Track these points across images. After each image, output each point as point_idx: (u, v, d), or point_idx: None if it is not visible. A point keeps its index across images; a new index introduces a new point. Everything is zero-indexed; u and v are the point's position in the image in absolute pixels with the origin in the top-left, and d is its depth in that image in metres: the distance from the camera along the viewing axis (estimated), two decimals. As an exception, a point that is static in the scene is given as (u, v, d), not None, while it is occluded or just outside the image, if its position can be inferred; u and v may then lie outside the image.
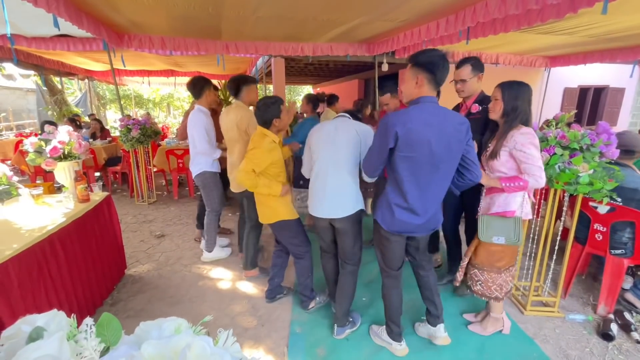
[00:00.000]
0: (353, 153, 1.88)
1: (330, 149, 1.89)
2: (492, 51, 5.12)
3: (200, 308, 2.33)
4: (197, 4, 2.76)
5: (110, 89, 14.25)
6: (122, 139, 4.36)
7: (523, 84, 1.82)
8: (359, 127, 1.91)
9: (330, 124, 1.97)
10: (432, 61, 1.49)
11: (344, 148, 1.88)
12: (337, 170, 1.88)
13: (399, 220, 1.63)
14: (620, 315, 2.13)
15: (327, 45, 4.47)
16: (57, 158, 2.21)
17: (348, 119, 1.99)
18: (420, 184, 1.56)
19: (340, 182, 1.88)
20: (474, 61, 2.16)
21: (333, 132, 1.91)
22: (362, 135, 1.88)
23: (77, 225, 2.07)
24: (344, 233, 1.95)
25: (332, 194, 1.88)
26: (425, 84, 1.52)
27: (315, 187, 1.97)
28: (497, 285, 1.95)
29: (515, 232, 1.81)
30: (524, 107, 1.78)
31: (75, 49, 4.05)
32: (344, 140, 1.88)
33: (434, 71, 1.49)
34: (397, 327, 1.89)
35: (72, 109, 8.00)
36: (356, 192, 1.93)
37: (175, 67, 6.98)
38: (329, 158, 1.90)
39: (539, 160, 1.73)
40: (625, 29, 3.50)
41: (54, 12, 2.35)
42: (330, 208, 1.90)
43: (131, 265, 2.91)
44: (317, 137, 1.98)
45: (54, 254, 1.83)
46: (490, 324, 2.06)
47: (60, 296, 1.85)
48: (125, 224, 3.88)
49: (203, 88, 2.78)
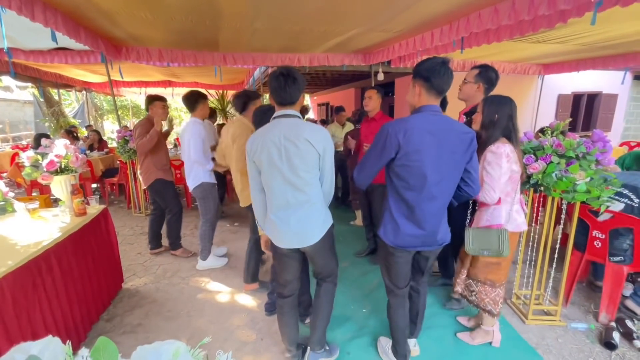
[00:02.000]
0: (312, 169, 1.55)
1: (283, 169, 1.52)
2: (486, 60, 5.19)
3: (199, 322, 2.30)
4: (194, 17, 2.79)
5: (107, 99, 14.26)
6: (119, 151, 4.35)
7: (504, 99, 1.81)
8: (311, 135, 1.49)
9: (274, 132, 1.51)
10: (428, 68, 1.47)
11: (300, 168, 1.51)
12: (295, 193, 1.56)
13: (404, 234, 1.56)
14: (622, 323, 2.12)
15: (323, 55, 4.51)
16: (54, 172, 2.19)
17: (297, 119, 1.56)
18: (424, 194, 1.50)
19: (305, 209, 1.58)
20: (483, 69, 2.14)
21: (282, 147, 1.50)
22: (320, 148, 1.52)
23: (73, 240, 2.04)
24: (316, 255, 1.70)
25: (298, 223, 1.58)
26: (424, 92, 1.50)
27: (274, 216, 1.62)
28: (491, 299, 1.94)
29: (499, 244, 1.78)
30: (503, 121, 1.77)
31: (73, 61, 4.07)
32: (297, 158, 1.49)
33: (431, 78, 1.46)
34: (402, 348, 1.82)
35: (69, 121, 7.99)
36: (324, 210, 1.65)
37: (173, 78, 7.02)
38: (281, 179, 1.54)
39: (497, 182, 1.74)
40: (615, 37, 3.56)
41: (52, 26, 2.37)
42: (298, 238, 1.62)
43: (128, 279, 2.87)
44: (258, 151, 1.54)
45: (50, 270, 1.80)
46: (480, 336, 2.06)
47: (56, 313, 1.81)
48: (122, 237, 3.84)
49: (197, 101, 2.87)
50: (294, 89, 1.53)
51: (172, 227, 3.28)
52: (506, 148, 1.74)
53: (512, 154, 1.76)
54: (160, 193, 3.17)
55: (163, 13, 2.68)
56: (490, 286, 1.93)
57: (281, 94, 1.53)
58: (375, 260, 3.18)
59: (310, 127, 1.54)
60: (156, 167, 3.10)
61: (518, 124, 1.82)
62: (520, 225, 1.87)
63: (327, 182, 1.64)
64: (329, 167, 1.60)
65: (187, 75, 6.52)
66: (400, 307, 1.77)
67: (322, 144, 1.53)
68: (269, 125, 1.58)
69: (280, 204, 1.59)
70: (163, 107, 3.07)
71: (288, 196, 1.57)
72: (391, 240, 1.61)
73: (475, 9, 2.54)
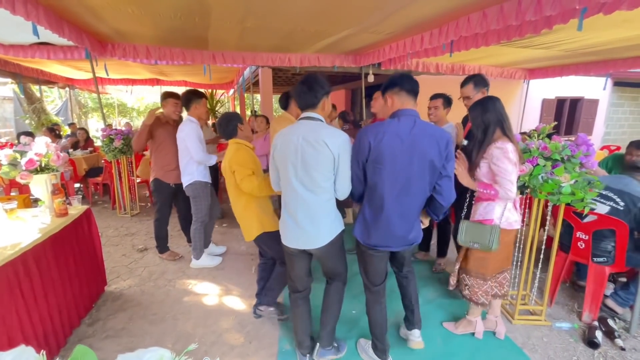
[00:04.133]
0: (328, 172, 1.57)
1: (297, 168, 1.57)
2: (474, 63, 5.28)
3: (185, 326, 2.24)
4: (183, 14, 2.74)
5: (92, 97, 13.92)
6: (104, 149, 4.23)
7: (485, 99, 1.88)
8: (329, 138, 1.53)
9: (296, 134, 1.57)
10: (391, 78, 1.57)
11: (313, 170, 1.55)
12: (310, 195, 1.59)
13: (375, 234, 1.62)
14: (605, 322, 2.17)
15: (314, 56, 4.50)
16: (34, 171, 2.11)
17: (318, 122, 1.60)
18: (394, 197, 1.54)
19: (314, 210, 1.61)
20: (476, 78, 2.22)
21: (299, 146, 1.55)
22: (336, 151, 1.53)
23: (54, 242, 1.97)
24: (324, 259, 1.75)
25: (307, 224, 1.62)
26: (395, 98, 1.57)
27: (285, 214, 1.69)
28: (483, 291, 2.00)
29: (490, 239, 1.84)
30: (493, 118, 1.83)
31: (56, 57, 3.93)
32: (313, 159, 1.53)
33: (397, 83, 1.56)
34: (381, 343, 1.83)
35: (52, 118, 7.76)
36: (334, 216, 1.67)
37: (161, 76, 6.88)
38: (296, 179, 1.59)
39: (511, 174, 1.78)
40: (597, 44, 3.68)
41: (33, 20, 2.28)
42: (307, 239, 1.65)
43: (112, 282, 2.78)
44: (279, 150, 1.63)
45: (28, 274, 1.73)
46: (462, 326, 2.14)
47: (34, 318, 1.74)
48: (106, 238, 3.74)
49: (190, 100, 2.83)
50: (314, 93, 1.60)
51: (155, 228, 3.18)
52: (509, 145, 1.79)
53: (514, 152, 1.80)
54: (155, 192, 3.13)
55: (151, 9, 2.61)
56: (482, 279, 1.99)
57: (304, 97, 1.62)
58: None
59: (330, 131, 1.57)
60: (156, 166, 3.06)
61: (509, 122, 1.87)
62: (512, 224, 1.91)
63: (342, 185, 1.63)
64: (344, 170, 1.60)
65: (176, 73, 6.40)
66: (377, 301, 1.81)
67: (339, 148, 1.55)
68: (294, 125, 1.64)
69: (293, 203, 1.64)
70: (175, 104, 3.03)
71: (299, 195, 1.60)
72: (364, 240, 1.66)
73: (465, 13, 2.57)
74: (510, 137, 1.83)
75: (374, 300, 1.81)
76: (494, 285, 2.01)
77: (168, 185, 3.05)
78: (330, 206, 1.65)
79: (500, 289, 2.03)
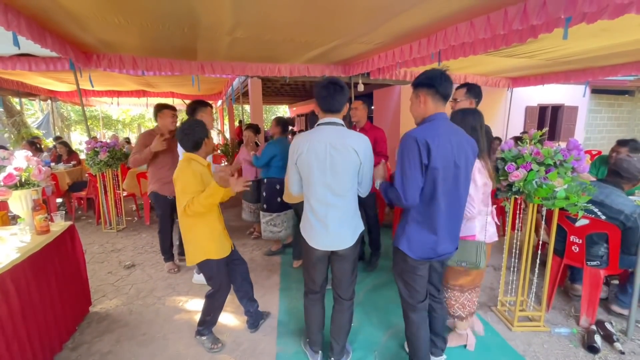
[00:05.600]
0: (354, 176, 1.62)
1: (325, 173, 1.59)
2: (460, 72, 5.40)
3: (176, 346, 2.13)
4: (171, 24, 2.70)
5: (75, 109, 13.61)
6: (89, 163, 4.10)
7: (467, 112, 1.85)
8: (356, 143, 1.57)
9: (321, 139, 1.58)
10: (430, 76, 1.49)
11: (342, 174, 1.58)
12: (337, 198, 1.62)
13: (431, 245, 1.53)
14: (602, 326, 2.17)
15: (303, 66, 4.52)
16: (13, 186, 2.00)
17: (341, 127, 1.63)
18: (447, 202, 1.49)
19: (343, 213, 1.65)
20: (472, 87, 2.23)
21: (326, 152, 1.56)
22: (362, 156, 1.58)
23: (34, 261, 1.85)
24: (345, 259, 1.74)
25: (335, 226, 1.65)
26: (430, 100, 1.51)
27: (314, 218, 1.68)
28: (460, 304, 1.98)
29: (477, 256, 1.80)
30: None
31: (38, 69, 3.81)
32: (340, 164, 1.56)
33: (434, 85, 1.48)
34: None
35: (32, 131, 7.51)
36: (358, 216, 1.74)
37: (147, 88, 6.78)
38: (324, 184, 1.60)
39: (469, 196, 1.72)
40: (577, 54, 3.82)
41: (14, 29, 2.20)
42: (335, 241, 1.68)
43: (97, 301, 2.64)
44: (306, 157, 1.60)
45: (5, 296, 1.61)
46: (454, 339, 2.09)
47: (11, 343, 1.61)
48: (91, 254, 3.57)
49: (196, 110, 2.76)
50: (340, 98, 1.61)
51: (159, 239, 3.18)
52: (476, 164, 1.72)
53: (483, 169, 1.78)
54: (155, 205, 3.08)
55: (138, 19, 2.56)
56: (459, 291, 1.97)
57: (330, 101, 1.61)
58: (366, 266, 3.18)
59: (355, 135, 1.61)
60: (153, 179, 3.01)
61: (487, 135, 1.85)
62: (492, 236, 1.92)
63: (365, 186, 1.69)
64: (367, 172, 1.65)
65: (163, 84, 6.31)
66: (424, 321, 1.71)
67: (365, 151, 1.59)
68: (313, 131, 1.64)
69: (322, 209, 1.65)
70: (173, 115, 2.99)
71: (328, 200, 1.62)
72: (416, 254, 1.57)
73: (453, 22, 2.63)
74: (479, 155, 1.74)
75: (421, 321, 1.69)
76: (474, 298, 1.98)
77: (165, 197, 3.01)
78: (356, 207, 1.71)
79: (476, 301, 2.01)
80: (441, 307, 1.85)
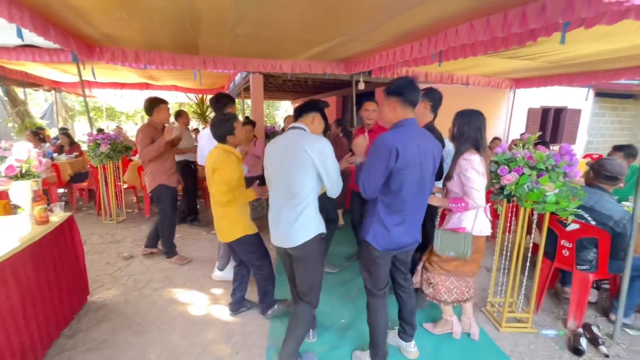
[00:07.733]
0: (307, 175, 1.65)
1: (281, 172, 1.70)
2: (463, 72, 5.39)
3: (170, 337, 2.18)
4: (173, 19, 2.72)
5: (79, 100, 13.64)
6: (90, 154, 4.14)
7: (474, 113, 1.98)
8: (309, 144, 1.63)
9: (280, 141, 1.74)
10: (398, 85, 1.65)
11: (294, 173, 1.65)
12: (290, 196, 1.68)
13: (395, 238, 1.68)
14: (589, 329, 2.20)
15: (305, 63, 4.52)
16: (14, 177, 2.04)
17: (303, 131, 1.74)
18: (413, 199, 1.65)
19: (293, 210, 1.69)
20: (427, 90, 2.30)
21: (282, 152, 1.69)
22: (315, 155, 1.62)
23: (33, 251, 1.90)
24: (299, 261, 1.77)
25: (286, 222, 1.71)
26: (399, 107, 1.66)
27: (271, 213, 1.82)
28: (446, 287, 2.08)
29: (464, 246, 1.92)
30: (472, 133, 1.94)
31: (42, 60, 3.85)
32: (293, 163, 1.65)
33: (403, 93, 1.64)
34: (383, 349, 1.86)
35: (36, 122, 7.56)
36: (313, 216, 1.72)
37: (150, 81, 6.81)
38: (280, 182, 1.72)
39: (476, 183, 1.86)
40: (579, 57, 3.80)
41: (17, 22, 2.23)
42: (285, 237, 1.73)
43: (95, 291, 2.70)
44: (268, 156, 1.79)
45: (4, 284, 1.66)
46: (440, 325, 2.22)
47: (10, 331, 1.66)
48: (90, 245, 3.64)
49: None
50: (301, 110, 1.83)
51: (164, 233, 3.19)
52: (476, 157, 1.88)
53: (481, 163, 1.89)
54: (159, 198, 3.10)
55: (141, 14, 2.59)
56: (445, 275, 2.07)
57: (295, 112, 1.85)
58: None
59: (310, 137, 1.70)
60: (160, 172, 3.04)
61: (486, 136, 1.97)
62: (482, 230, 1.99)
63: (332, 184, 1.71)
64: (331, 171, 1.68)
65: (166, 78, 6.34)
66: (382, 307, 1.83)
67: (320, 150, 1.64)
68: (282, 134, 1.81)
69: (275, 204, 1.78)
70: (168, 110, 3.06)
71: (282, 198, 1.73)
72: (381, 245, 1.70)
73: (453, 24, 2.63)
74: (480, 152, 1.92)
75: (380, 306, 1.82)
76: (461, 285, 2.07)
77: (173, 188, 3.10)
78: (312, 207, 1.72)
79: (468, 292, 2.09)
80: (409, 296, 1.95)
